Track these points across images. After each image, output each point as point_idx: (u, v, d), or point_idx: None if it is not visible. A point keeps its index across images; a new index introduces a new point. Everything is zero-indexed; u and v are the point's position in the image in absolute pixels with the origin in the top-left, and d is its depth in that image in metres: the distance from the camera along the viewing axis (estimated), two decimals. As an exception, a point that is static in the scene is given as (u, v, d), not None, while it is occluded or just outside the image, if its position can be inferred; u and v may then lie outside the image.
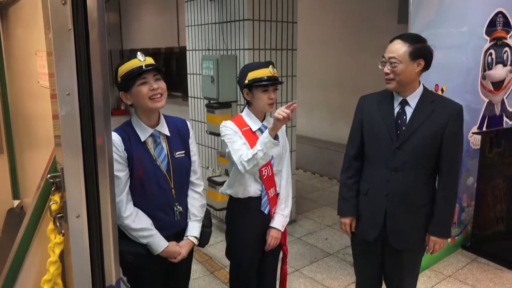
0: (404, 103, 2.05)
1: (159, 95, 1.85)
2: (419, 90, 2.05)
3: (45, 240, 1.42)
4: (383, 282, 2.32)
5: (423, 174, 2.04)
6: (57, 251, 1.35)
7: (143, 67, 1.81)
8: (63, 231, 1.33)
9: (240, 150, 2.08)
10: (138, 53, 1.83)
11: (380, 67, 2.04)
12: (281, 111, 1.92)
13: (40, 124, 1.81)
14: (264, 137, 1.99)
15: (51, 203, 1.31)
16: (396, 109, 2.06)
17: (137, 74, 1.80)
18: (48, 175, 1.32)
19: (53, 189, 1.32)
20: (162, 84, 1.86)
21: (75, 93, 1.21)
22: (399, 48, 1.96)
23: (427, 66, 2.01)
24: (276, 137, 1.99)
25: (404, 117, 2.03)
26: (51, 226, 1.35)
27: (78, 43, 1.21)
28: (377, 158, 2.09)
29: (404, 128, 2.02)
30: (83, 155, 1.25)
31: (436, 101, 2.03)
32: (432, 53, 2.00)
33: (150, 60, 1.85)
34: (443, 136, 1.99)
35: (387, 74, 2.00)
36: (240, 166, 2.06)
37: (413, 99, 2.04)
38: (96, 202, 1.29)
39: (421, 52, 1.96)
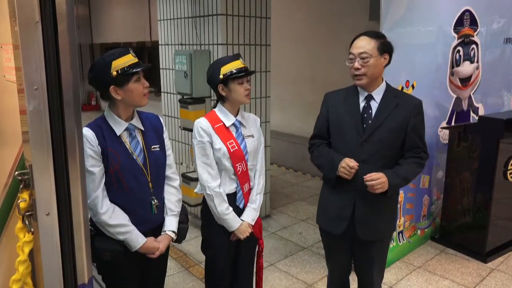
0: (369, 97, 2.11)
1: (148, 92, 1.90)
2: (383, 85, 2.13)
3: (13, 239, 1.39)
4: (353, 272, 2.37)
5: (388, 165, 2.09)
6: (26, 250, 1.32)
7: (141, 64, 1.85)
8: (32, 230, 1.30)
9: (205, 172, 2.18)
10: (130, 48, 1.86)
11: (348, 64, 2.07)
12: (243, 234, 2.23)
13: (7, 120, 1.75)
14: (234, 222, 2.19)
15: (19, 201, 1.28)
16: (362, 103, 2.11)
17: (135, 71, 1.82)
18: (16, 172, 1.29)
19: (21, 186, 1.28)
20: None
21: (44, 88, 1.18)
22: (367, 43, 2.01)
23: (389, 61, 2.09)
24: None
25: (370, 111, 2.10)
26: (19, 224, 1.31)
27: (46, 36, 1.17)
28: (345, 151, 2.11)
29: (370, 121, 2.08)
30: (53, 151, 1.22)
31: (399, 97, 2.14)
32: (393, 48, 2.09)
33: None
34: (407, 128, 2.06)
35: (357, 69, 2.02)
36: (201, 186, 2.21)
37: (377, 94, 2.11)
38: (66, 199, 1.27)
39: (387, 46, 2.06)
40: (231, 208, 2.19)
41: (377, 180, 1.95)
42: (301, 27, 6.23)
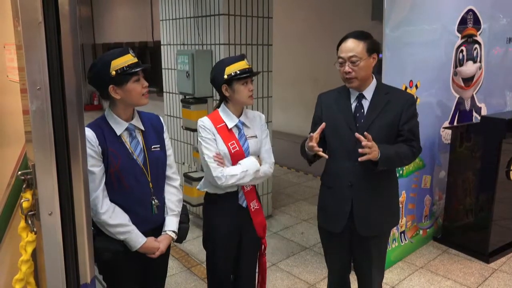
0: (360, 97, 2.13)
1: (147, 92, 1.91)
2: (373, 83, 2.14)
3: (16, 238, 1.39)
4: (354, 272, 2.38)
5: None
6: (29, 249, 1.32)
7: (140, 64, 1.85)
8: (35, 229, 1.30)
9: (214, 163, 2.13)
10: (129, 48, 1.87)
11: (338, 68, 2.08)
12: None
13: (10, 120, 1.76)
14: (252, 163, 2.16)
15: (22, 200, 1.28)
16: (354, 103, 2.14)
17: (134, 71, 1.83)
18: (19, 172, 1.29)
19: (24, 186, 1.29)
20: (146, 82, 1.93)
21: (47, 88, 1.19)
22: (355, 46, 2.01)
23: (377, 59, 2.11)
24: None
25: (362, 110, 2.12)
26: (22, 224, 1.31)
27: (49, 36, 1.18)
28: (340, 151, 2.13)
29: (362, 120, 2.10)
30: (56, 151, 1.22)
31: (390, 93, 2.14)
32: (380, 46, 2.12)
33: None
34: (399, 123, 2.08)
35: (348, 73, 2.04)
36: (215, 178, 2.11)
37: (368, 93, 2.13)
38: (69, 199, 1.27)
39: (374, 46, 2.07)
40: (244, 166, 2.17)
41: (369, 152, 1.91)
42: (303, 27, 6.23)
